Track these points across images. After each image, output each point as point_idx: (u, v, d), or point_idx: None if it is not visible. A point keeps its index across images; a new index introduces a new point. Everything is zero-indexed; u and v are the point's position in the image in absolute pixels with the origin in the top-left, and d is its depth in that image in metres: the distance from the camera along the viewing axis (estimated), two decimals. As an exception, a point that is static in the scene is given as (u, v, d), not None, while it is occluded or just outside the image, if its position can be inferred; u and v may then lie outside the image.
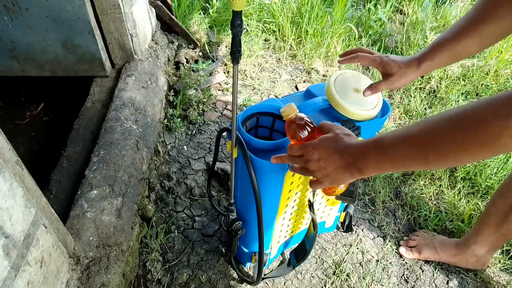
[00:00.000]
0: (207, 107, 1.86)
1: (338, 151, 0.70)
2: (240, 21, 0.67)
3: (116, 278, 1.05)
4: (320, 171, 0.72)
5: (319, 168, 0.72)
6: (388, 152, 0.64)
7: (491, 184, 1.52)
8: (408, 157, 0.62)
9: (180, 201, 1.45)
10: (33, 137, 1.69)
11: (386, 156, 0.65)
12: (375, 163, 0.66)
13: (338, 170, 0.70)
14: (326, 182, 0.74)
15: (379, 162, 0.65)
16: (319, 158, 0.72)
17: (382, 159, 0.65)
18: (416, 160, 0.61)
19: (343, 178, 0.72)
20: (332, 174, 0.71)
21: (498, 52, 2.19)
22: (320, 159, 0.72)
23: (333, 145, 0.71)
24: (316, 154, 0.72)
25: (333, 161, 0.70)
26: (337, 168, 0.70)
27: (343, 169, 0.70)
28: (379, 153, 0.65)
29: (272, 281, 1.24)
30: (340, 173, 0.71)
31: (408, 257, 1.34)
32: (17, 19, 1.53)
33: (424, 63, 0.90)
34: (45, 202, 0.89)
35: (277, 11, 2.29)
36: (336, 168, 0.70)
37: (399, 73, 0.92)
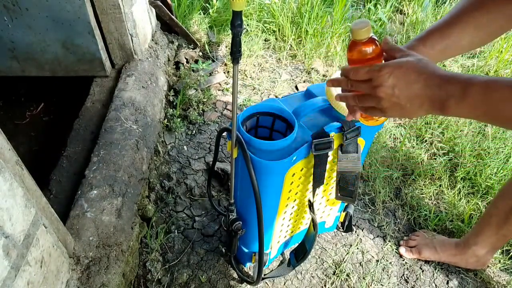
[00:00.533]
0: (207, 107, 1.86)
1: (424, 80, 0.59)
2: (240, 21, 0.67)
3: (116, 278, 1.05)
4: (390, 100, 0.62)
5: (390, 96, 0.61)
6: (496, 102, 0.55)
7: (491, 184, 1.52)
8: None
9: (180, 201, 1.45)
10: (33, 137, 1.69)
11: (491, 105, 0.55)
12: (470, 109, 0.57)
13: (416, 101, 0.60)
14: (391, 113, 0.64)
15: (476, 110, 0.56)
16: (395, 84, 0.61)
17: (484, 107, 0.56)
18: None
19: (416, 112, 0.62)
20: (405, 106, 0.61)
21: (498, 52, 2.19)
22: (396, 85, 0.61)
23: (417, 71, 0.60)
24: (392, 79, 0.61)
25: (413, 91, 0.60)
26: (415, 100, 0.60)
27: (422, 102, 0.60)
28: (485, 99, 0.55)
29: (272, 281, 1.24)
30: (416, 105, 0.61)
31: (408, 257, 1.34)
32: (17, 19, 1.53)
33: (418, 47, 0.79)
34: (45, 202, 0.89)
35: (277, 11, 2.29)
36: (413, 99, 0.60)
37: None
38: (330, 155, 0.97)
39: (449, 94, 0.58)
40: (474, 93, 0.56)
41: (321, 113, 0.99)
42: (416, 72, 0.60)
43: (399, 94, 0.61)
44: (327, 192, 1.14)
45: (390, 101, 0.62)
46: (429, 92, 0.59)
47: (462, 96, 0.57)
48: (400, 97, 0.61)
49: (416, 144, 1.73)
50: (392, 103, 0.62)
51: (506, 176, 1.55)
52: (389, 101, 0.63)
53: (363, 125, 0.94)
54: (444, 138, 1.73)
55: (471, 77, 0.57)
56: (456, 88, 0.57)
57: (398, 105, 0.62)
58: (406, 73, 0.60)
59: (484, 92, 0.56)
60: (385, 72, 0.62)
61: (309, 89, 1.03)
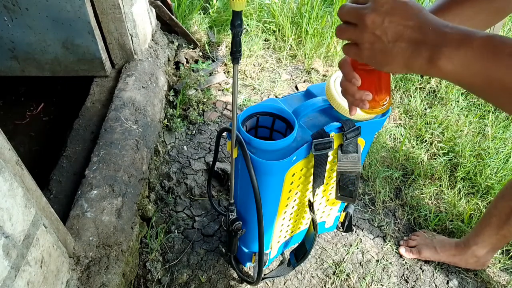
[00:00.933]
0: (207, 107, 1.86)
1: (422, 18, 0.51)
2: (240, 21, 0.67)
3: (116, 278, 1.05)
4: (374, 32, 0.53)
5: (377, 26, 0.52)
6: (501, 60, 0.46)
7: (491, 184, 1.52)
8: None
9: (180, 201, 1.45)
10: (33, 137, 1.69)
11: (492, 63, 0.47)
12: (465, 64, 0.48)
13: (401, 43, 0.52)
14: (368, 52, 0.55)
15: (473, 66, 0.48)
16: (388, 13, 0.52)
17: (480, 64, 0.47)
18: None
19: (395, 60, 0.53)
20: (387, 45, 0.52)
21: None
22: (389, 14, 0.52)
23: (417, 10, 0.52)
24: (387, 6, 0.52)
25: (404, 28, 0.51)
26: (401, 41, 0.52)
27: (408, 46, 0.51)
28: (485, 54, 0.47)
29: (272, 281, 1.24)
30: (399, 48, 0.52)
31: (408, 257, 1.34)
32: (17, 19, 1.53)
33: None
34: (45, 202, 0.89)
35: (277, 11, 2.29)
36: (400, 38, 0.52)
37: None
38: (330, 155, 0.97)
39: (445, 40, 0.49)
40: (475, 43, 0.48)
41: (321, 113, 0.99)
42: (415, 10, 0.52)
43: (387, 26, 0.52)
44: (327, 192, 1.14)
45: (373, 33, 0.53)
46: (421, 34, 0.51)
47: (460, 44, 0.48)
48: (388, 30, 0.52)
49: (416, 144, 1.73)
50: (375, 35, 0.53)
51: (506, 176, 1.55)
52: (372, 33, 0.53)
53: (363, 125, 0.94)
54: (444, 138, 1.73)
55: (472, 29, 0.50)
56: (455, 36, 0.49)
57: (380, 41, 0.53)
58: (404, 6, 0.52)
59: (489, 44, 0.47)
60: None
61: (309, 89, 1.03)
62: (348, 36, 0.57)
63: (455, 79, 0.51)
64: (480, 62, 0.48)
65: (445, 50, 0.49)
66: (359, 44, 0.56)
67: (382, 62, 0.55)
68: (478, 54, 0.47)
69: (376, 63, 0.56)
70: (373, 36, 0.53)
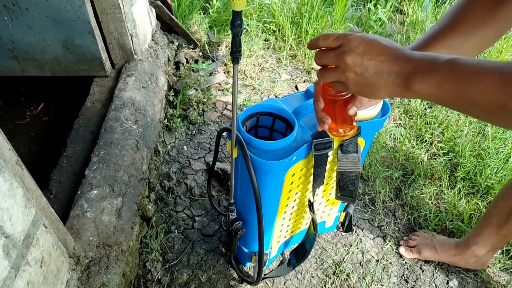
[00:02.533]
0: (207, 107, 1.86)
1: (394, 51, 0.57)
2: (240, 21, 0.67)
3: (116, 278, 1.05)
4: (356, 70, 0.59)
5: (357, 65, 0.59)
6: (463, 79, 0.52)
7: (491, 184, 1.52)
8: (486, 94, 0.50)
9: (180, 201, 1.45)
10: (33, 137, 1.69)
11: (457, 83, 0.52)
12: (437, 86, 0.54)
13: (382, 75, 0.58)
14: (355, 87, 0.61)
15: (443, 86, 0.53)
16: (364, 52, 0.58)
17: (450, 84, 0.53)
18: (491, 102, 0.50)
19: (380, 88, 0.59)
20: (370, 79, 0.59)
21: (498, 52, 2.19)
22: (366, 54, 0.58)
23: (386, 44, 0.58)
24: (363, 47, 0.59)
25: (382, 62, 0.58)
26: (382, 73, 0.58)
27: (389, 76, 0.58)
28: (451, 75, 0.53)
29: (272, 281, 1.24)
30: (382, 79, 0.58)
31: (408, 257, 1.34)
32: (17, 19, 1.53)
33: None
34: (45, 202, 0.89)
35: (277, 11, 2.29)
36: (380, 72, 0.58)
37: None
38: (330, 155, 0.97)
39: (417, 68, 0.56)
40: (442, 67, 0.54)
41: (321, 113, 0.99)
42: (386, 45, 0.59)
43: (367, 64, 0.58)
44: (327, 192, 1.14)
45: (355, 71, 0.59)
46: (397, 65, 0.57)
47: (429, 71, 0.55)
48: (368, 68, 0.58)
49: (416, 144, 1.73)
50: (358, 74, 0.60)
51: (506, 176, 1.55)
52: (354, 72, 0.60)
53: (363, 125, 0.94)
54: (444, 138, 1.73)
55: (440, 54, 0.56)
56: (425, 63, 0.55)
57: (363, 77, 0.59)
58: (378, 44, 0.59)
59: (452, 66, 0.53)
60: (356, 39, 0.60)
61: (309, 89, 1.03)
62: (333, 78, 0.64)
63: (431, 99, 0.57)
64: (448, 83, 0.53)
65: (419, 76, 0.55)
66: (344, 82, 0.62)
67: (368, 93, 0.62)
68: (446, 76, 0.53)
69: (364, 94, 0.63)
70: (355, 74, 0.60)
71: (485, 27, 0.75)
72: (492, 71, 0.51)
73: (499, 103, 0.50)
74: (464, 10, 0.76)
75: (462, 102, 0.54)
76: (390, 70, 0.58)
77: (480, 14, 0.75)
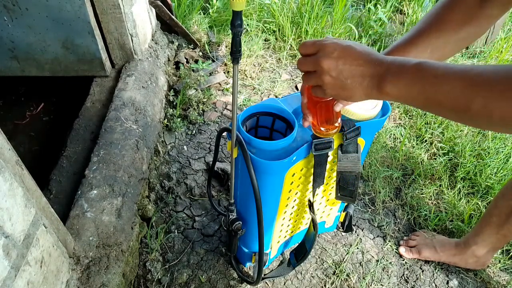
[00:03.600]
0: (207, 107, 1.86)
1: (366, 56, 0.61)
2: (240, 21, 0.67)
3: (116, 278, 1.05)
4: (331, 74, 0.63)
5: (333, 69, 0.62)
6: (430, 81, 0.55)
7: (491, 184, 1.52)
8: (451, 96, 0.53)
9: (180, 201, 1.45)
10: (33, 137, 1.69)
11: (425, 85, 0.55)
12: (406, 87, 0.57)
13: (357, 78, 0.61)
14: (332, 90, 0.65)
15: (412, 88, 0.57)
16: (339, 57, 0.62)
17: (418, 86, 0.56)
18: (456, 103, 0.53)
19: (355, 91, 0.62)
20: (345, 82, 0.62)
21: (498, 52, 2.19)
22: (340, 58, 0.61)
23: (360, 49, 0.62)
24: (337, 52, 0.62)
25: (355, 67, 0.61)
26: (356, 76, 0.61)
27: (363, 80, 0.61)
28: (419, 77, 0.56)
29: (272, 281, 1.24)
30: (356, 82, 0.62)
31: (408, 257, 1.34)
32: (17, 19, 1.53)
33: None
34: (45, 202, 0.89)
35: (277, 11, 2.29)
36: (354, 75, 0.61)
37: None
38: (330, 155, 0.97)
39: (388, 70, 0.59)
40: (410, 69, 0.57)
41: (321, 113, 0.99)
42: (360, 50, 0.62)
43: (342, 68, 0.62)
44: (327, 192, 1.14)
45: (331, 75, 0.63)
46: (370, 69, 0.60)
47: (399, 73, 0.58)
48: (343, 71, 0.62)
49: (416, 144, 1.73)
50: (333, 77, 0.63)
51: (506, 176, 1.55)
52: (330, 76, 0.63)
53: (363, 125, 0.94)
54: (444, 138, 1.73)
55: (409, 58, 0.59)
56: (394, 65, 0.59)
57: (339, 80, 0.63)
58: (351, 49, 0.62)
59: (420, 68, 0.56)
60: (331, 44, 0.63)
61: (309, 89, 1.03)
62: (312, 82, 0.68)
63: (402, 101, 0.60)
64: (417, 85, 0.56)
65: (389, 79, 0.58)
66: (322, 85, 0.66)
67: (344, 96, 0.65)
68: (414, 79, 0.57)
69: (341, 97, 0.67)
70: (331, 77, 0.64)
71: (467, 27, 0.77)
72: (456, 74, 0.53)
73: (464, 104, 0.53)
74: (448, 10, 0.77)
75: (430, 103, 0.57)
76: (364, 73, 0.61)
77: (463, 14, 0.76)
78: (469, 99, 0.52)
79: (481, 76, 0.52)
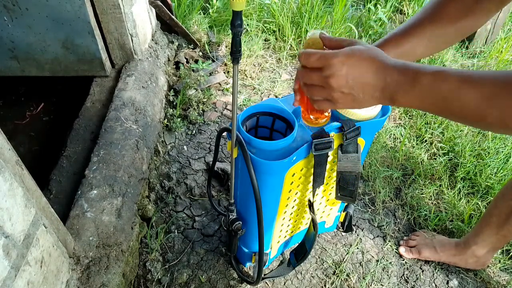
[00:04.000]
0: (207, 107, 1.86)
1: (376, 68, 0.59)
2: (240, 21, 0.67)
3: (116, 278, 1.05)
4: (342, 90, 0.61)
5: (343, 86, 0.60)
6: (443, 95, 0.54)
7: (491, 184, 1.52)
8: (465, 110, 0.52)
9: (180, 201, 1.45)
10: (33, 137, 1.69)
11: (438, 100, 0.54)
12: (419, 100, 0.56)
13: (368, 91, 0.60)
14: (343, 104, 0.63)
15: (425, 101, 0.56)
16: (348, 73, 0.59)
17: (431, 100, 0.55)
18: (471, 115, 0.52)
19: (367, 102, 0.61)
20: (357, 96, 0.60)
21: (498, 52, 2.19)
22: (349, 75, 0.59)
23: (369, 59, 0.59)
24: (346, 68, 0.59)
25: (366, 80, 0.59)
26: (368, 89, 0.60)
27: (374, 91, 0.59)
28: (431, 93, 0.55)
29: (272, 281, 1.24)
30: (368, 95, 0.60)
31: (408, 257, 1.34)
32: (17, 19, 1.53)
33: None
34: (45, 202, 0.89)
35: (277, 11, 2.29)
36: (366, 88, 0.59)
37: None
38: (330, 155, 0.97)
39: (399, 84, 0.57)
40: (422, 84, 0.56)
41: (321, 113, 0.99)
42: (368, 60, 0.59)
43: (352, 84, 0.60)
44: (327, 192, 1.14)
45: (342, 91, 0.61)
46: (381, 81, 0.58)
47: (411, 86, 0.56)
48: (354, 87, 0.60)
49: (416, 144, 1.73)
50: (344, 93, 0.61)
51: (506, 176, 1.55)
52: (341, 92, 0.61)
53: (363, 125, 0.94)
54: (444, 138, 1.73)
55: (420, 67, 0.57)
56: (406, 79, 0.57)
57: (350, 95, 0.61)
58: (359, 62, 0.59)
59: (432, 83, 0.55)
60: (338, 61, 0.60)
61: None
62: (321, 96, 0.65)
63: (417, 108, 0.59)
64: (430, 98, 0.56)
65: (402, 90, 0.57)
66: (331, 100, 0.64)
67: (355, 107, 0.65)
68: (427, 93, 0.55)
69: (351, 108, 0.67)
70: (342, 94, 0.62)
71: (464, 20, 0.77)
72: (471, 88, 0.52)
73: (479, 116, 0.52)
74: (446, 3, 0.77)
75: (444, 113, 0.57)
76: (375, 87, 0.59)
77: (460, 8, 0.76)
78: (485, 112, 0.51)
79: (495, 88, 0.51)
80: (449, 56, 2.16)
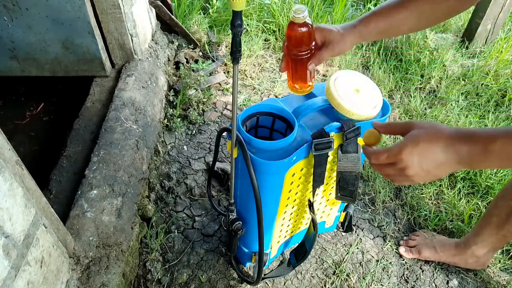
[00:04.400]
0: (207, 107, 1.86)
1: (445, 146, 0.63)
2: (240, 21, 0.67)
3: (116, 278, 1.05)
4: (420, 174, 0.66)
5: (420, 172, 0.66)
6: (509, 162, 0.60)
7: (491, 184, 1.52)
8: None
9: (180, 201, 1.45)
10: (33, 137, 1.69)
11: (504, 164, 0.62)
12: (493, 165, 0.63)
13: (445, 167, 0.64)
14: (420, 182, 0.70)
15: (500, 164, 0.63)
16: (421, 161, 0.65)
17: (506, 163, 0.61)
18: None
19: (446, 173, 0.66)
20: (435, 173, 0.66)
21: (498, 52, 2.19)
22: (422, 162, 0.64)
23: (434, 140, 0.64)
24: (416, 158, 0.65)
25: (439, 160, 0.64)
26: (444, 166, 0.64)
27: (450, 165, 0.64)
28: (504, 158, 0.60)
29: (272, 281, 1.24)
30: (445, 170, 0.65)
31: (408, 257, 1.34)
32: (17, 19, 1.53)
33: (359, 27, 0.84)
34: (45, 202, 0.89)
35: (277, 11, 2.29)
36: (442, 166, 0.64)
37: (337, 38, 0.85)
38: (330, 155, 0.97)
39: (472, 155, 0.61)
40: (497, 151, 0.59)
41: (321, 113, 0.99)
42: (434, 142, 0.63)
43: (427, 168, 0.64)
44: (327, 192, 1.14)
45: (421, 176, 0.66)
46: (454, 155, 0.62)
47: (484, 156, 0.60)
48: (430, 169, 0.65)
49: (416, 144, 1.72)
50: (423, 176, 0.66)
51: (506, 176, 1.55)
52: (419, 176, 0.66)
53: (363, 125, 0.94)
54: (444, 138, 1.73)
55: (490, 134, 0.61)
56: (477, 148, 0.61)
57: (428, 176, 0.66)
58: (426, 147, 0.64)
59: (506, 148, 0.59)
60: (407, 154, 0.65)
61: (309, 89, 1.03)
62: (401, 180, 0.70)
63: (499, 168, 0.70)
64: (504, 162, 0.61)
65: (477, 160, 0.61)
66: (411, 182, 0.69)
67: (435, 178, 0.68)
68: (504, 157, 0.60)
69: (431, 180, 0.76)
70: (420, 177, 0.67)
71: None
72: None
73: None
74: None
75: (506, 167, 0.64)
76: (449, 162, 0.63)
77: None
78: None
79: None
80: (449, 56, 2.16)
